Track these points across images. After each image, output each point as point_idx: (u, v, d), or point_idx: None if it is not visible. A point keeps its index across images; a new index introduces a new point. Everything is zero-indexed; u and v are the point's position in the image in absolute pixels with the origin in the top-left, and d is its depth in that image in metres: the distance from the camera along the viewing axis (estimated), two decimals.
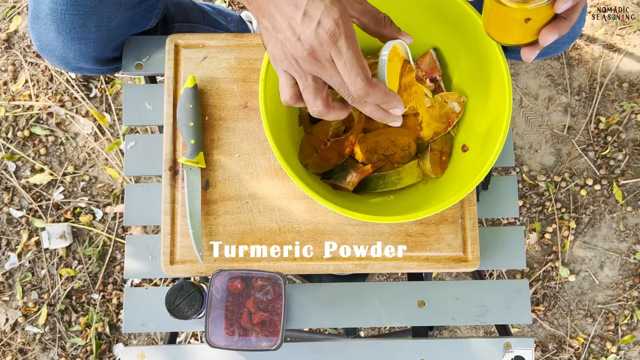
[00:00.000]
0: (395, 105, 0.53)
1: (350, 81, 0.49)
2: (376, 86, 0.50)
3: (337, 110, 0.54)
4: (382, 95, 0.51)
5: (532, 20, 0.52)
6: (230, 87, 0.77)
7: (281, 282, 0.68)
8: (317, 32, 0.47)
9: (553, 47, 0.77)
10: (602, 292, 1.38)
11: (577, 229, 1.40)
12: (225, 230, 0.74)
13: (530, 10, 0.51)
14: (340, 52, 0.48)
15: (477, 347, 0.74)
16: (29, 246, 1.37)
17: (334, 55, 0.48)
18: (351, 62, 0.48)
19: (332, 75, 0.49)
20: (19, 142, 1.42)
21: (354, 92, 0.50)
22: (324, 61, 0.49)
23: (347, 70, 0.48)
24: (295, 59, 0.50)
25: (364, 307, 0.75)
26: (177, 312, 0.67)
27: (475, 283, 0.77)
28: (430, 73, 0.74)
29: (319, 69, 0.49)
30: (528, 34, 0.54)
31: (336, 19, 0.48)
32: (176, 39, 0.78)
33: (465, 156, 0.70)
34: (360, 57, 0.49)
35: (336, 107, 0.54)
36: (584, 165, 1.42)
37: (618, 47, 1.47)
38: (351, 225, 0.74)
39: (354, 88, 0.49)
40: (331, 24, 0.47)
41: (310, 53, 0.48)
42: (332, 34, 0.47)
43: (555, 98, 1.45)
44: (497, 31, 0.56)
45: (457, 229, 0.74)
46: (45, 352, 1.34)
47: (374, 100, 0.51)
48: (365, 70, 0.49)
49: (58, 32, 0.74)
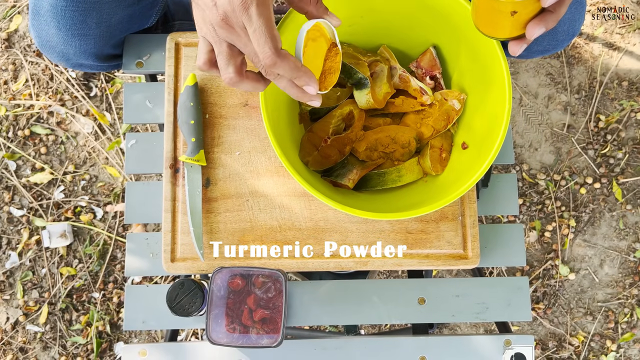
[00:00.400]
0: (306, 82, 0.53)
1: (259, 49, 0.49)
2: (285, 58, 0.50)
3: (250, 80, 0.54)
4: (291, 68, 0.51)
5: (519, 13, 0.52)
6: None
7: (282, 279, 0.69)
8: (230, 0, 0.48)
9: (552, 44, 0.77)
10: (602, 290, 1.39)
11: (577, 227, 1.40)
12: (226, 228, 0.74)
13: (516, 3, 0.51)
14: (250, 19, 0.48)
15: (477, 344, 0.75)
16: (30, 245, 1.37)
17: (245, 22, 0.48)
18: (260, 29, 0.48)
19: (246, 43, 0.49)
20: (20, 141, 1.42)
21: (263, 59, 0.49)
22: (238, 28, 0.49)
23: (257, 37, 0.48)
24: (212, 25, 0.50)
25: (365, 305, 0.76)
26: (178, 310, 0.67)
27: (475, 280, 0.77)
28: (430, 71, 0.74)
29: (232, 36, 0.50)
30: (515, 27, 0.54)
31: None
32: (177, 37, 0.78)
33: (465, 153, 0.71)
34: (271, 26, 0.49)
35: (250, 77, 0.54)
36: (584, 163, 1.42)
37: (618, 46, 1.47)
38: (351, 222, 0.75)
39: (262, 56, 0.49)
40: None
41: (223, 19, 0.49)
42: (244, 1, 0.47)
43: (555, 97, 1.45)
44: (485, 24, 0.56)
45: (457, 226, 0.75)
46: (46, 351, 1.34)
47: (282, 72, 0.51)
48: (275, 40, 0.49)
49: (58, 28, 0.74)
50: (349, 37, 0.74)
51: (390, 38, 0.75)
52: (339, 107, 0.74)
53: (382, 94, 0.73)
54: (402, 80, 0.74)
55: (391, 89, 0.74)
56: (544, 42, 0.76)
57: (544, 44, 0.77)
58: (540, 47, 0.77)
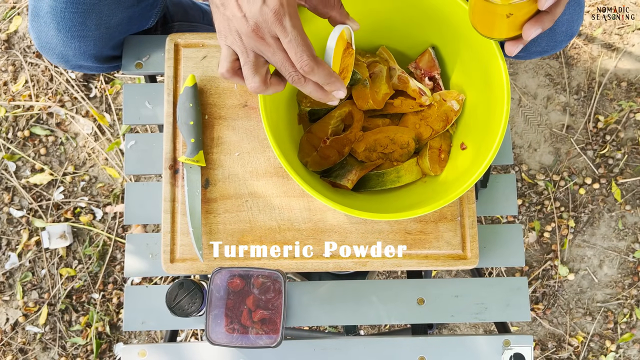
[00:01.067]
0: (338, 87, 0.55)
1: (297, 57, 0.51)
2: (321, 65, 0.52)
3: (274, 85, 0.56)
4: (326, 74, 0.53)
5: (515, 15, 0.53)
6: (229, 86, 0.78)
7: (281, 280, 0.69)
8: (262, 10, 0.49)
9: (551, 45, 0.77)
10: (601, 291, 1.39)
11: (576, 227, 1.40)
12: (225, 228, 0.74)
13: (512, 6, 0.51)
14: (285, 30, 0.50)
15: (477, 345, 0.75)
16: (29, 246, 1.37)
17: (279, 33, 0.50)
18: (297, 39, 0.50)
19: (275, 52, 0.51)
20: (19, 142, 1.42)
21: (301, 67, 0.51)
22: (268, 38, 0.51)
23: (294, 47, 0.50)
24: (240, 34, 0.51)
25: (364, 305, 0.76)
26: (178, 310, 0.68)
27: (475, 281, 0.77)
28: (428, 71, 0.74)
29: (261, 46, 0.51)
30: (511, 28, 0.55)
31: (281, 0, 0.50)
32: (176, 38, 0.78)
33: (464, 154, 0.71)
34: (304, 36, 0.51)
35: (273, 83, 0.56)
36: (583, 164, 1.43)
37: (617, 47, 1.47)
38: (351, 223, 0.75)
39: (300, 64, 0.51)
40: (276, 3, 0.49)
41: (254, 29, 0.50)
42: (276, 12, 0.49)
43: (554, 97, 1.45)
44: (482, 25, 0.57)
45: (456, 226, 0.75)
46: (46, 352, 1.34)
47: (317, 79, 0.53)
48: (311, 48, 0.51)
49: (58, 30, 0.74)
50: None
51: (389, 39, 0.75)
52: (338, 108, 0.74)
53: (381, 94, 0.73)
54: (401, 81, 0.74)
55: (390, 89, 0.74)
56: (542, 43, 0.77)
57: (543, 44, 0.77)
58: (539, 48, 0.78)
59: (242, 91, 0.78)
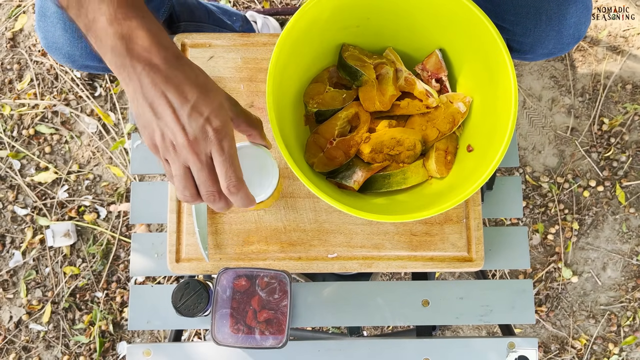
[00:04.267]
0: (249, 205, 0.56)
1: (227, 177, 0.52)
2: (244, 188, 0.53)
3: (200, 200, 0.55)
4: (245, 197, 0.54)
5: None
6: (236, 86, 0.78)
7: (286, 280, 0.69)
8: (204, 127, 0.50)
9: (558, 47, 0.77)
10: (605, 294, 1.39)
11: (580, 230, 1.40)
12: (231, 228, 0.74)
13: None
14: (222, 150, 0.51)
15: (481, 347, 0.75)
16: (34, 244, 1.38)
17: (215, 152, 0.51)
18: (230, 160, 0.52)
19: (202, 168, 0.52)
20: (24, 140, 1.42)
21: (227, 186, 0.52)
22: (202, 154, 0.51)
23: (226, 167, 0.52)
24: (174, 146, 0.51)
25: (368, 307, 0.76)
26: (184, 310, 0.68)
27: (479, 283, 0.77)
28: (435, 73, 0.74)
29: (194, 160, 0.51)
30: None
31: (223, 120, 0.51)
32: (183, 38, 0.78)
33: (470, 156, 0.71)
34: (237, 157, 0.53)
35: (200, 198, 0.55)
36: (587, 166, 1.42)
37: (622, 49, 1.47)
38: (356, 224, 0.75)
39: (228, 183, 0.52)
40: (219, 124, 0.51)
41: (192, 144, 0.50)
42: (218, 132, 0.51)
43: (558, 99, 1.45)
44: None
45: (462, 228, 0.75)
46: (49, 350, 1.34)
47: (236, 199, 0.54)
48: (240, 171, 0.53)
49: (65, 30, 0.74)
50: (355, 39, 0.75)
51: (396, 40, 0.75)
52: (345, 109, 0.74)
53: (388, 96, 0.73)
54: (408, 83, 0.74)
55: (397, 91, 0.74)
56: (549, 45, 0.77)
57: (550, 46, 0.77)
58: (545, 50, 0.78)
59: (249, 92, 0.78)
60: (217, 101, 0.52)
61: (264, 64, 0.78)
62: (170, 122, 0.50)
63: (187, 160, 0.51)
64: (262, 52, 0.78)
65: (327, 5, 0.66)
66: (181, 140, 0.50)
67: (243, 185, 0.53)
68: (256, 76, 0.78)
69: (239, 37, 0.79)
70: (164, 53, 0.50)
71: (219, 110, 0.51)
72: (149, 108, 0.51)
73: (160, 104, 0.50)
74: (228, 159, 0.51)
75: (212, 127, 0.51)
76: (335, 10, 0.68)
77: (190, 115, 0.50)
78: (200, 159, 0.51)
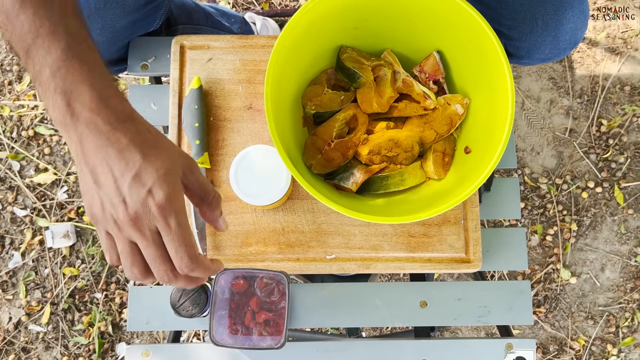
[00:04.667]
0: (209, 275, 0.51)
1: (178, 257, 0.46)
2: (201, 262, 0.48)
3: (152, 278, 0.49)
4: (205, 270, 0.48)
5: None
6: (235, 88, 0.78)
7: (285, 282, 0.69)
8: (146, 201, 0.45)
9: (554, 52, 0.77)
10: (603, 295, 1.39)
11: (578, 231, 1.40)
12: (229, 230, 0.75)
13: None
14: (169, 227, 0.45)
15: (479, 348, 0.75)
16: (33, 245, 1.38)
17: (161, 229, 0.45)
18: (180, 238, 0.46)
19: (149, 245, 0.46)
20: (24, 141, 1.42)
21: (180, 267, 0.47)
22: (146, 230, 0.45)
23: (175, 246, 0.46)
24: (115, 220, 0.46)
25: (367, 308, 0.76)
26: (182, 311, 0.68)
27: (477, 284, 0.77)
28: (433, 75, 0.74)
29: (138, 236, 0.46)
30: None
31: (169, 193, 0.45)
32: (182, 40, 0.79)
33: (468, 158, 0.71)
34: (189, 233, 0.47)
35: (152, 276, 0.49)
36: (586, 167, 1.43)
37: (620, 51, 1.47)
38: (354, 225, 0.75)
39: (180, 264, 0.47)
40: (162, 197, 0.45)
41: (133, 219, 0.45)
42: (162, 208, 0.45)
43: (557, 101, 1.46)
44: None
45: (460, 230, 0.75)
46: (48, 351, 1.35)
47: (195, 275, 0.48)
48: (193, 247, 0.47)
49: None
50: (353, 41, 0.75)
51: (394, 42, 0.76)
52: (343, 111, 0.74)
53: (386, 98, 0.73)
54: (406, 85, 0.74)
55: (394, 93, 0.74)
56: (546, 50, 0.77)
57: (546, 51, 0.77)
58: (542, 55, 0.78)
59: (247, 93, 0.78)
60: (164, 167, 0.46)
61: (262, 65, 0.78)
62: (111, 192, 0.45)
63: (130, 236, 0.46)
64: (261, 53, 0.79)
65: (326, 7, 0.66)
66: (122, 214, 0.45)
67: (198, 263, 0.47)
68: (255, 78, 0.78)
69: (237, 38, 0.79)
70: (108, 113, 0.45)
71: (164, 179, 0.45)
72: (89, 174, 0.45)
73: (102, 172, 0.45)
74: (177, 237, 0.46)
75: (155, 202, 0.45)
76: (334, 12, 0.68)
77: (131, 186, 0.44)
78: (144, 236, 0.45)
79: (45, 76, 0.45)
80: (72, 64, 0.45)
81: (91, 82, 0.45)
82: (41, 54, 0.45)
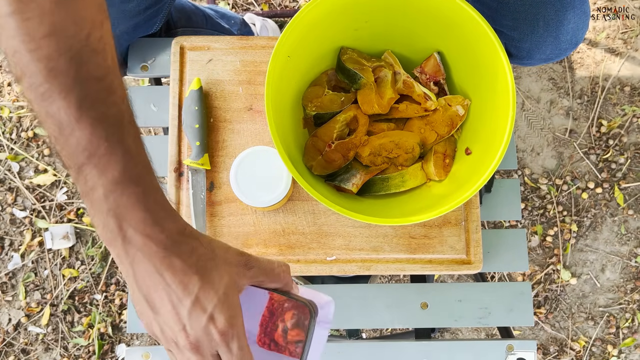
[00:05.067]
0: None
1: None
2: None
3: None
4: None
5: None
6: (235, 89, 0.78)
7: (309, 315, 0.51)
8: (208, 328, 0.43)
9: (555, 53, 0.77)
10: (604, 295, 1.39)
11: (578, 232, 1.40)
12: (230, 231, 0.74)
13: None
14: (230, 352, 0.44)
15: (480, 349, 0.75)
16: (32, 246, 1.38)
17: (222, 354, 0.45)
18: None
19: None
20: (23, 142, 1.42)
21: None
22: (208, 355, 0.45)
23: None
24: (176, 343, 0.45)
25: (367, 309, 0.76)
26: None
27: (478, 285, 0.77)
28: (434, 76, 0.74)
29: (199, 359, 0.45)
30: None
31: (230, 316, 0.44)
32: (182, 41, 0.79)
33: (468, 159, 0.71)
34: (250, 356, 0.46)
35: None
36: (586, 168, 1.43)
37: (620, 51, 1.47)
38: (355, 227, 0.75)
39: None
40: (224, 323, 0.44)
41: (194, 347, 0.44)
42: (224, 334, 0.44)
43: (557, 101, 1.46)
44: None
45: (460, 231, 0.75)
46: (48, 353, 1.34)
47: None
48: None
49: None
50: (354, 42, 0.75)
51: (394, 43, 0.76)
52: (343, 112, 0.74)
53: (386, 99, 0.73)
54: (406, 86, 0.74)
55: (395, 94, 0.74)
56: (547, 50, 0.77)
57: (547, 52, 0.77)
58: (543, 55, 0.78)
59: (248, 95, 0.78)
60: (222, 286, 0.44)
61: (262, 66, 0.78)
62: (169, 319, 0.43)
63: (191, 359, 0.45)
64: (261, 55, 0.79)
65: (326, 8, 0.66)
66: (183, 341, 0.44)
67: None
68: (255, 79, 0.78)
69: (237, 39, 0.79)
70: (162, 237, 0.43)
71: (224, 301, 0.44)
72: (144, 299, 0.44)
73: (157, 297, 0.43)
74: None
75: (217, 328, 0.43)
76: (334, 14, 0.68)
77: (191, 313, 0.43)
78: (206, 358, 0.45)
79: (98, 196, 0.43)
80: (127, 186, 0.43)
81: (145, 205, 0.44)
82: (95, 174, 0.43)
